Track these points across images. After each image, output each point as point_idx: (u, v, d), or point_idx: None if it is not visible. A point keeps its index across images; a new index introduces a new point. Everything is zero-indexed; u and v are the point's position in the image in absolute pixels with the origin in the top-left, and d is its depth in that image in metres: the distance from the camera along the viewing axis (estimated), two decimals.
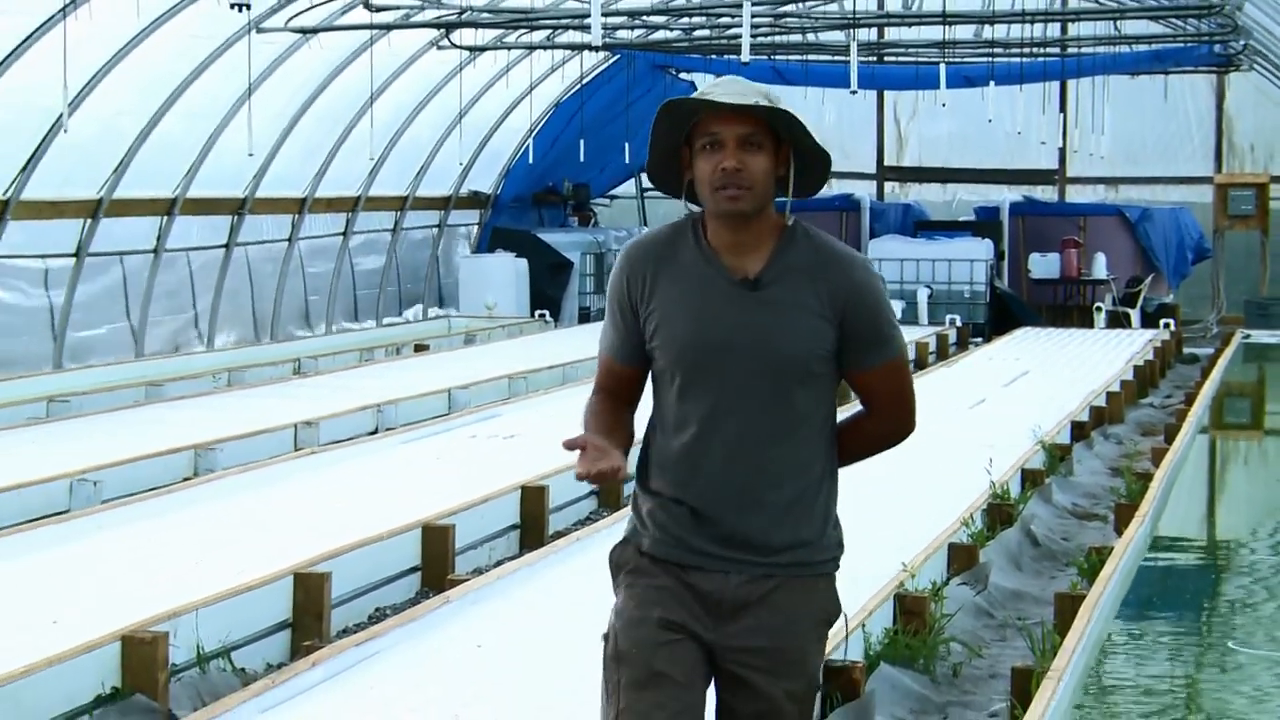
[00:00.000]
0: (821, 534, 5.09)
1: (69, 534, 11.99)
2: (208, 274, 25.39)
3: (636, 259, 5.12)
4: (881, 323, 5.06)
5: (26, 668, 8.29)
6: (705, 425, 4.99)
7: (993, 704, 9.28)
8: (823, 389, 5.06)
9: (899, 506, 13.29)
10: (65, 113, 19.01)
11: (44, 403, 19.27)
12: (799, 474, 5.02)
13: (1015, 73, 29.63)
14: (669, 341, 5.02)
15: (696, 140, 4.99)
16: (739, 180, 4.93)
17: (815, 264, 5.03)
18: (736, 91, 4.93)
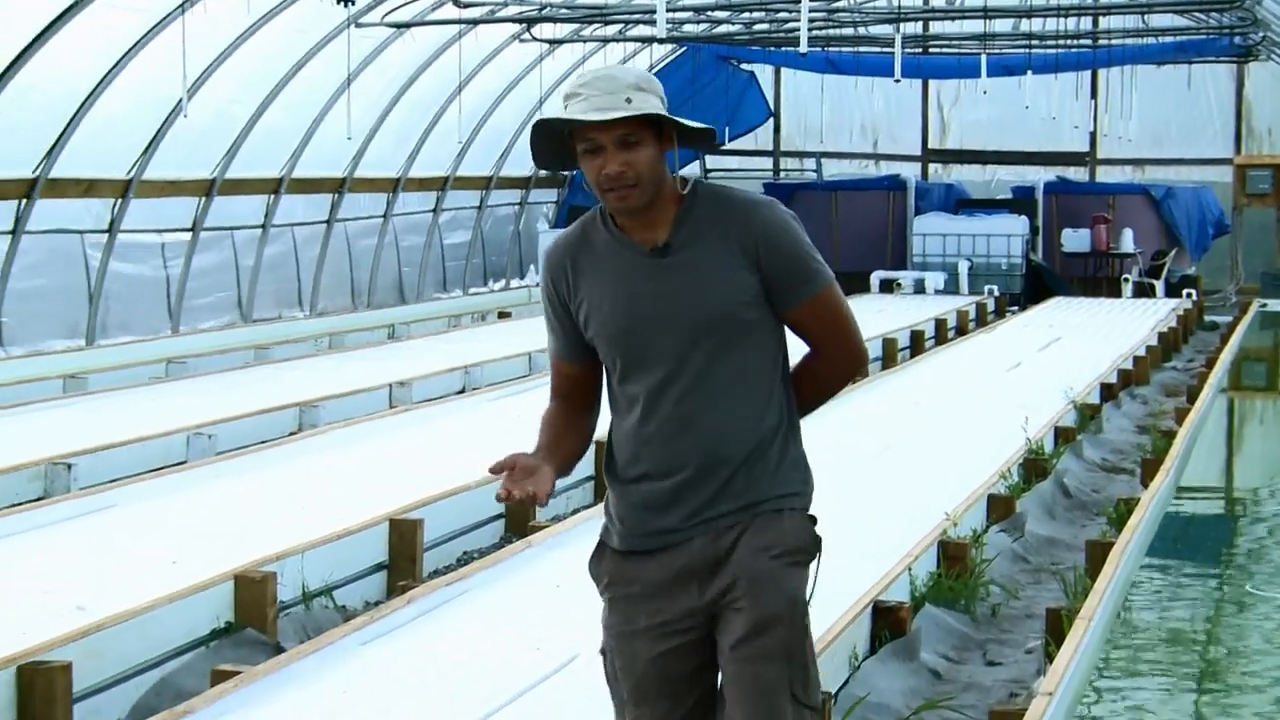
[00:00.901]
0: (782, 477, 4.68)
1: (186, 482, 12.06)
2: (310, 247, 25.47)
3: (554, 258, 4.77)
4: (799, 256, 4.67)
5: (151, 603, 8.35)
6: (650, 400, 4.64)
7: (1028, 642, 9.25)
8: (760, 339, 4.67)
9: (942, 461, 13.27)
10: (184, 100, 19.10)
11: (163, 364, 19.41)
12: (754, 424, 4.64)
13: (1050, 62, 29.59)
14: (600, 327, 4.67)
15: (577, 142, 4.59)
16: (624, 180, 4.53)
17: (719, 216, 4.66)
18: (604, 90, 4.51)
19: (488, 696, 7.22)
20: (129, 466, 12.86)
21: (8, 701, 7.14)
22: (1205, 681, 9.29)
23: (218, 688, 7.16)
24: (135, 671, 8.02)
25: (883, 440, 14.42)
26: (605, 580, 4.76)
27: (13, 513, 10.97)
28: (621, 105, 4.49)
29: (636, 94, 4.53)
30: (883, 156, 36.18)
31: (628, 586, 4.70)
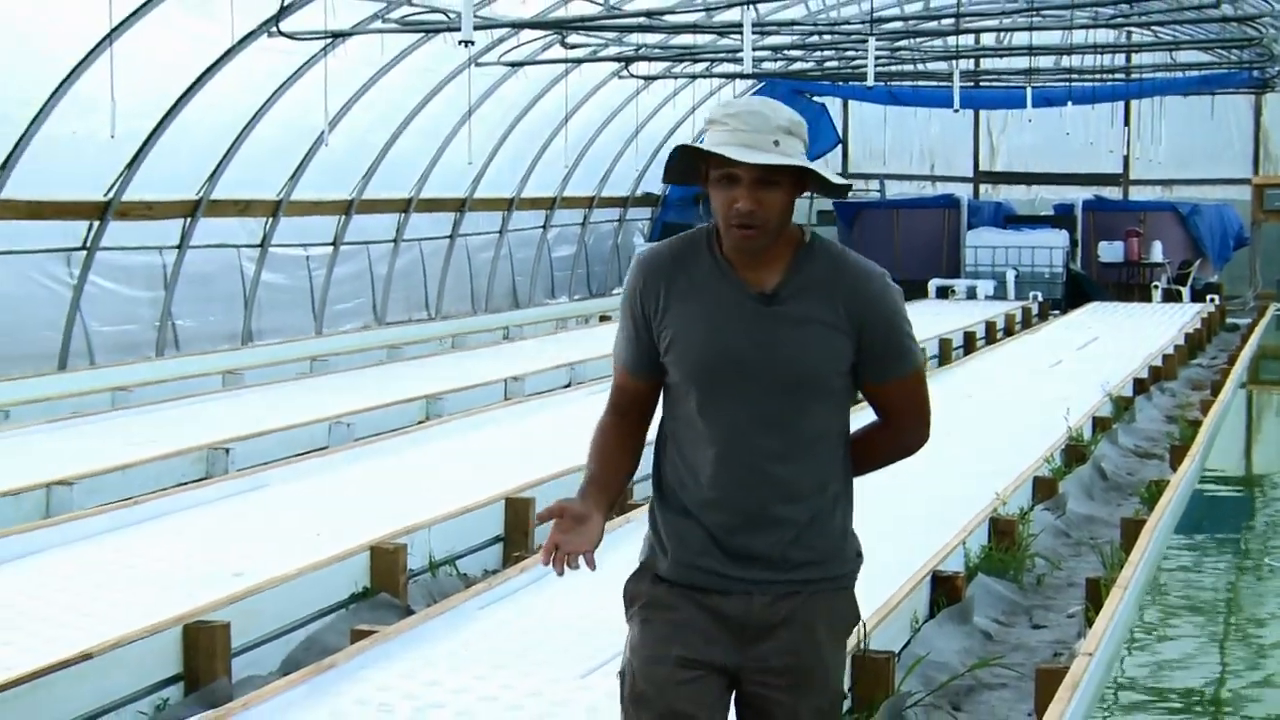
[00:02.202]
0: (840, 548, 4.13)
1: (328, 465, 12.13)
2: (435, 259, 25.57)
3: (650, 270, 4.12)
4: (900, 335, 4.11)
5: (298, 570, 8.40)
6: (721, 442, 4.02)
7: (1070, 607, 9.21)
8: (839, 403, 4.12)
9: (993, 447, 13.21)
10: (326, 130, 19.21)
11: (308, 362, 19.54)
12: (815, 491, 4.06)
13: (1088, 94, 29.42)
14: (684, 355, 4.04)
15: (712, 169, 3.99)
16: (752, 220, 3.92)
17: (832, 278, 4.04)
18: (753, 128, 3.91)
19: (592, 653, 7.23)
20: (279, 451, 12.94)
21: (176, 656, 7.20)
22: (1228, 643, 9.22)
23: (356, 645, 7.20)
24: (285, 630, 8.08)
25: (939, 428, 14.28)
26: (643, 601, 4.14)
27: (179, 491, 11.07)
28: (769, 147, 3.89)
29: (785, 138, 3.93)
30: (939, 178, 36.04)
31: (666, 612, 4.08)
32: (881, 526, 10.06)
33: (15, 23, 15.28)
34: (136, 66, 16.25)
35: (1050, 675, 6.74)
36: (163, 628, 7.22)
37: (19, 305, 17.45)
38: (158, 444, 12.60)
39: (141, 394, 16.29)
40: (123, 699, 6.87)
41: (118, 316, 18.90)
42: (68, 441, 13.05)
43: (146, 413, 15.01)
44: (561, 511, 4.00)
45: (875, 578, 8.48)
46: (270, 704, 6.32)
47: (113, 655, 6.87)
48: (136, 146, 17.85)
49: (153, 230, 19.12)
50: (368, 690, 6.66)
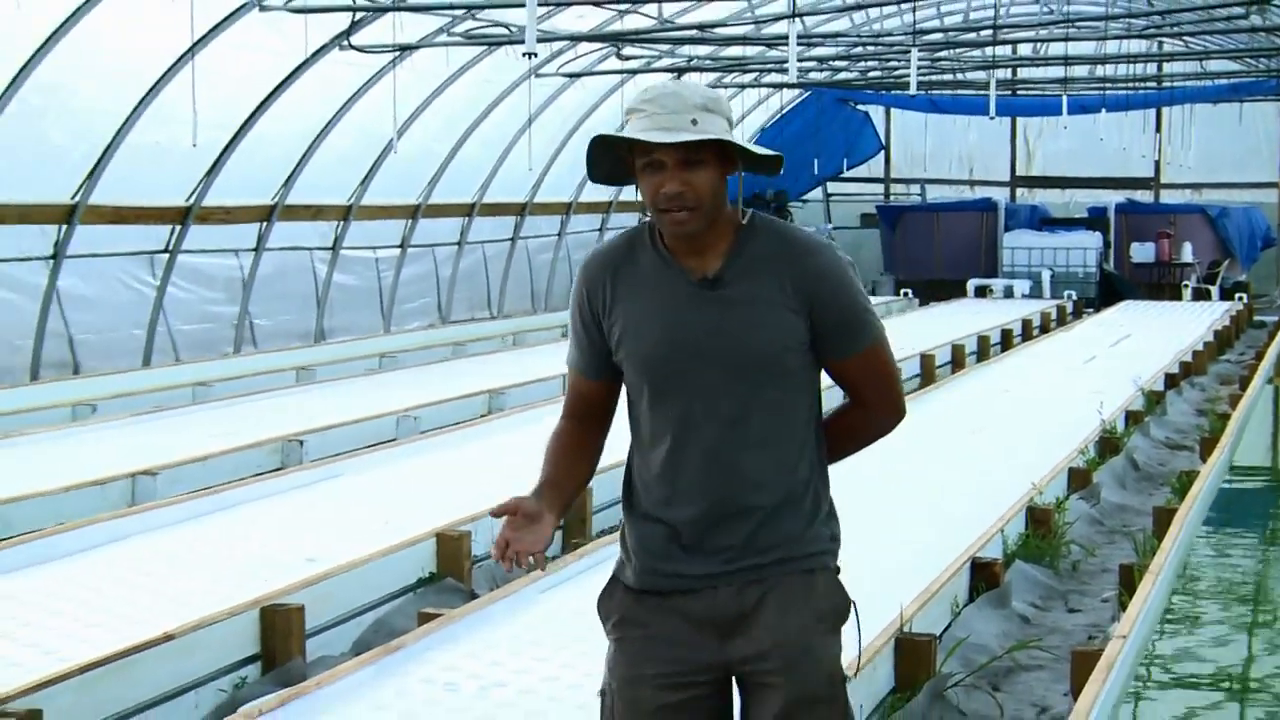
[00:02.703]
0: (809, 530, 3.79)
1: (396, 456, 12.16)
2: (497, 261, 25.61)
3: (594, 270, 3.86)
4: (854, 307, 3.77)
5: (368, 556, 8.43)
6: (680, 435, 3.74)
7: (1104, 592, 9.17)
8: (801, 384, 3.78)
9: (1030, 440, 13.15)
10: (394, 139, 19.26)
11: (377, 358, 19.62)
12: (783, 476, 3.75)
13: (1121, 102, 29.31)
14: (634, 350, 3.77)
15: (636, 157, 3.71)
16: (683, 202, 3.64)
17: (776, 254, 3.74)
18: (669, 109, 3.64)
19: None
20: (349, 443, 12.98)
21: (253, 637, 7.24)
22: (1255, 627, 9.15)
23: (423, 627, 7.22)
24: (356, 613, 8.11)
25: (978, 421, 14.31)
26: (615, 619, 3.84)
27: (256, 481, 11.11)
28: (687, 126, 3.62)
29: (703, 115, 3.65)
30: (977, 182, 35.94)
31: (639, 629, 3.79)
32: (923, 515, 10.06)
33: (102, 39, 15.38)
34: (216, 80, 16.34)
35: (1085, 657, 6.71)
36: (241, 610, 7.26)
37: (106, 306, 17.57)
38: (235, 436, 12.67)
39: (220, 389, 16.38)
40: (203, 677, 6.91)
41: (198, 316, 19.01)
42: (151, 434, 13.13)
43: (225, 407, 15.09)
44: (515, 509, 3.70)
45: (917, 564, 8.48)
46: (342, 683, 6.35)
47: (194, 636, 6.91)
48: (215, 155, 17.94)
49: (231, 234, 19.23)
50: (434, 670, 6.68)
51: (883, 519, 9.84)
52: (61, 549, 8.80)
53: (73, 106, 16.18)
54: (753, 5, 21.96)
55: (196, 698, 6.83)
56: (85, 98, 16.25)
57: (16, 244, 16.30)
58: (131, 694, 6.49)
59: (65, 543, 8.90)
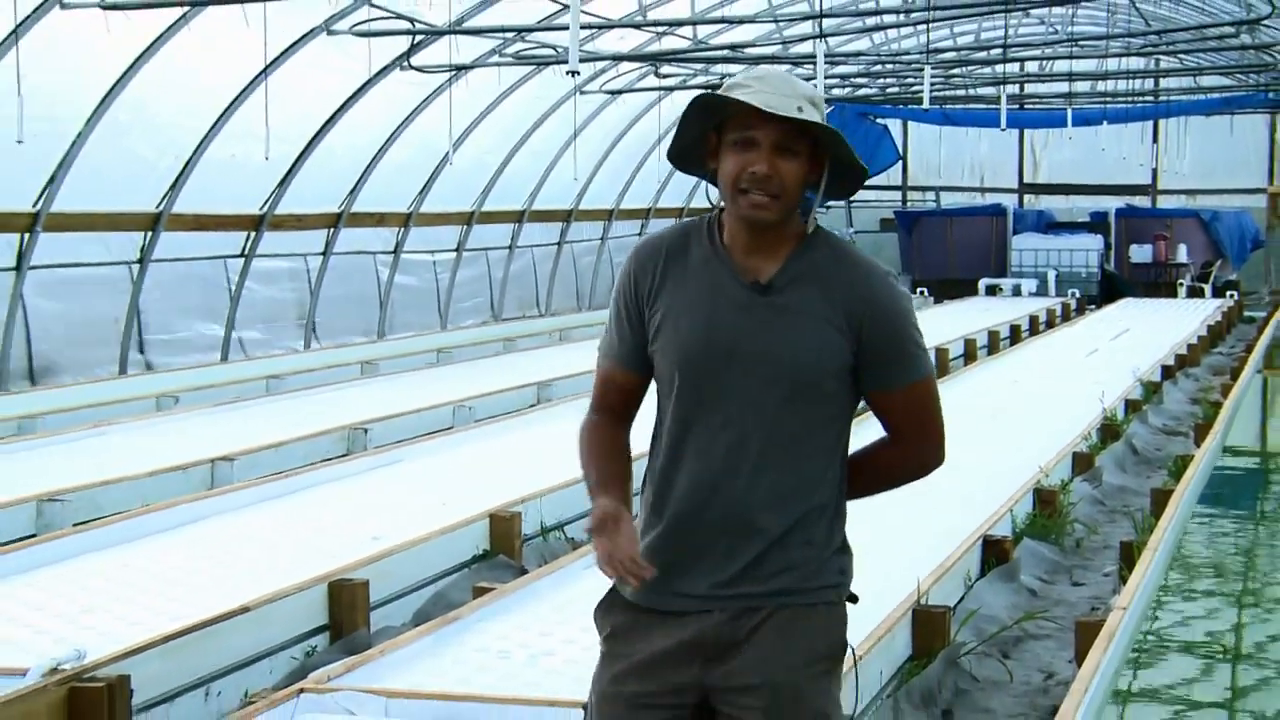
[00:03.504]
0: (820, 561, 3.32)
1: (453, 443, 12.17)
2: (545, 263, 25.63)
3: (645, 256, 3.42)
4: (904, 340, 3.32)
5: (427, 535, 8.44)
6: (700, 437, 3.30)
7: (1105, 567, 9.13)
8: (835, 410, 3.32)
9: (1036, 427, 13.10)
10: (450, 151, 19.28)
11: (434, 353, 19.65)
12: (799, 498, 3.29)
13: (1121, 115, 29.25)
14: (670, 343, 3.32)
15: (728, 133, 3.27)
16: (768, 187, 3.24)
17: (833, 272, 3.31)
18: (779, 91, 3.22)
19: None
20: (410, 431, 13.01)
21: (322, 609, 7.25)
22: (1245, 599, 9.11)
23: (478, 600, 7.23)
24: (416, 587, 8.12)
25: (989, 409, 14.26)
26: (608, 632, 3.41)
27: (324, 466, 11.14)
28: (793, 110, 3.20)
29: (809, 106, 3.25)
30: (987, 189, 35.83)
31: (628, 644, 3.36)
32: (938, 496, 10.01)
33: (184, 61, 15.44)
34: (287, 98, 16.39)
35: (1089, 627, 6.68)
36: (310, 585, 7.28)
37: (186, 306, 17.64)
38: (305, 425, 12.70)
39: (291, 382, 16.44)
40: (277, 646, 6.93)
41: (270, 314, 19.08)
42: (228, 423, 13.17)
43: (295, 398, 15.13)
44: (607, 519, 3.26)
45: (932, 541, 8.46)
46: (403, 651, 6.35)
47: (268, 609, 6.93)
48: (287, 167, 17.99)
49: (301, 240, 19.29)
50: (487, 639, 6.68)
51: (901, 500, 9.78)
52: (147, 529, 8.84)
53: (157, 123, 16.25)
54: (780, 27, 21.91)
55: (270, 664, 6.85)
56: (168, 115, 16.32)
57: (106, 250, 16.40)
58: (211, 661, 6.51)
59: (150, 523, 8.94)
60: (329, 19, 16.42)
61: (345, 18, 16.49)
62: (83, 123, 14.94)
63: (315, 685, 5.85)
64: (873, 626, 6.64)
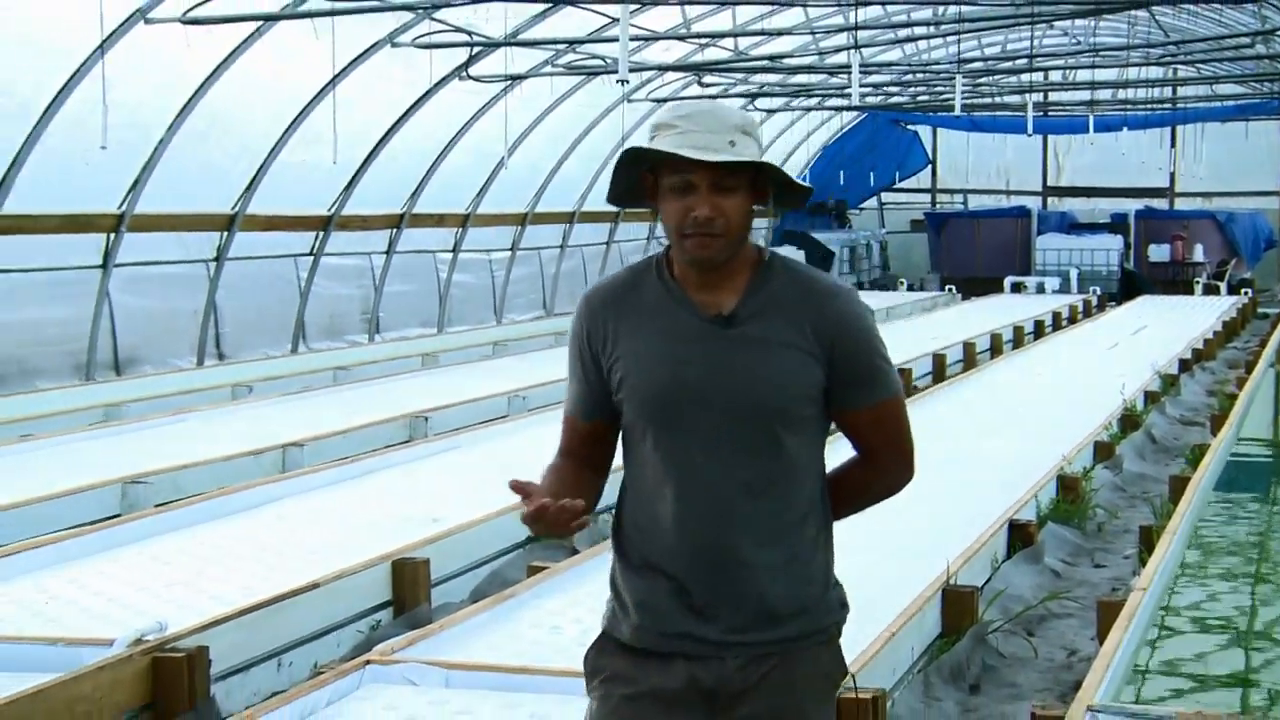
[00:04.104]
0: (822, 597, 3.08)
1: (508, 430, 12.20)
2: (594, 261, 25.64)
3: (596, 304, 3.14)
4: (873, 357, 3.07)
5: (485, 516, 8.45)
6: (684, 482, 3.00)
7: (1125, 550, 9.08)
8: (812, 435, 3.06)
9: (1060, 417, 13.03)
10: (505, 156, 19.31)
11: (490, 346, 19.68)
12: (792, 531, 3.03)
13: (1141, 121, 29.18)
14: (636, 389, 3.03)
15: (664, 177, 2.99)
16: (712, 228, 2.95)
17: (796, 296, 3.03)
18: (708, 128, 2.94)
19: None
20: (467, 419, 13.03)
21: (386, 586, 7.28)
22: (1258, 581, 9.03)
23: (532, 578, 7.24)
24: (474, 565, 8.14)
25: (1014, 400, 14.21)
26: (604, 675, 3.09)
27: (388, 452, 11.18)
28: (725, 147, 2.94)
29: (741, 137, 2.96)
30: (1013, 192, 35.63)
31: (629, 685, 3.05)
32: (965, 482, 9.99)
33: (258, 72, 15.51)
34: (353, 106, 16.44)
35: (1110, 606, 6.64)
36: (375, 563, 7.30)
37: (259, 302, 17.73)
38: (370, 413, 12.74)
39: (357, 372, 16.51)
40: (343, 620, 6.96)
41: (337, 309, 19.16)
42: (298, 411, 13.24)
43: (361, 387, 15.19)
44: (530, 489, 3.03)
45: (961, 525, 8.43)
46: (462, 626, 6.37)
47: (336, 585, 6.96)
48: (353, 171, 18.06)
49: (366, 239, 19.36)
50: (541, 615, 6.69)
51: (931, 486, 9.77)
52: (223, 510, 8.90)
53: (233, 130, 16.33)
54: (816, 39, 21.85)
55: (338, 638, 6.89)
56: (243, 122, 16.40)
57: (185, 249, 16.50)
58: (283, 634, 6.55)
59: (226, 504, 9.00)
60: (393, 32, 16.47)
61: (408, 31, 16.54)
62: (164, 130, 15.04)
63: (380, 657, 5.88)
64: (905, 605, 6.64)
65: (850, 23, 17.40)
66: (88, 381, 14.85)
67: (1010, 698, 6.46)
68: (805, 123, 29.79)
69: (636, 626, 3.04)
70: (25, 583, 7.19)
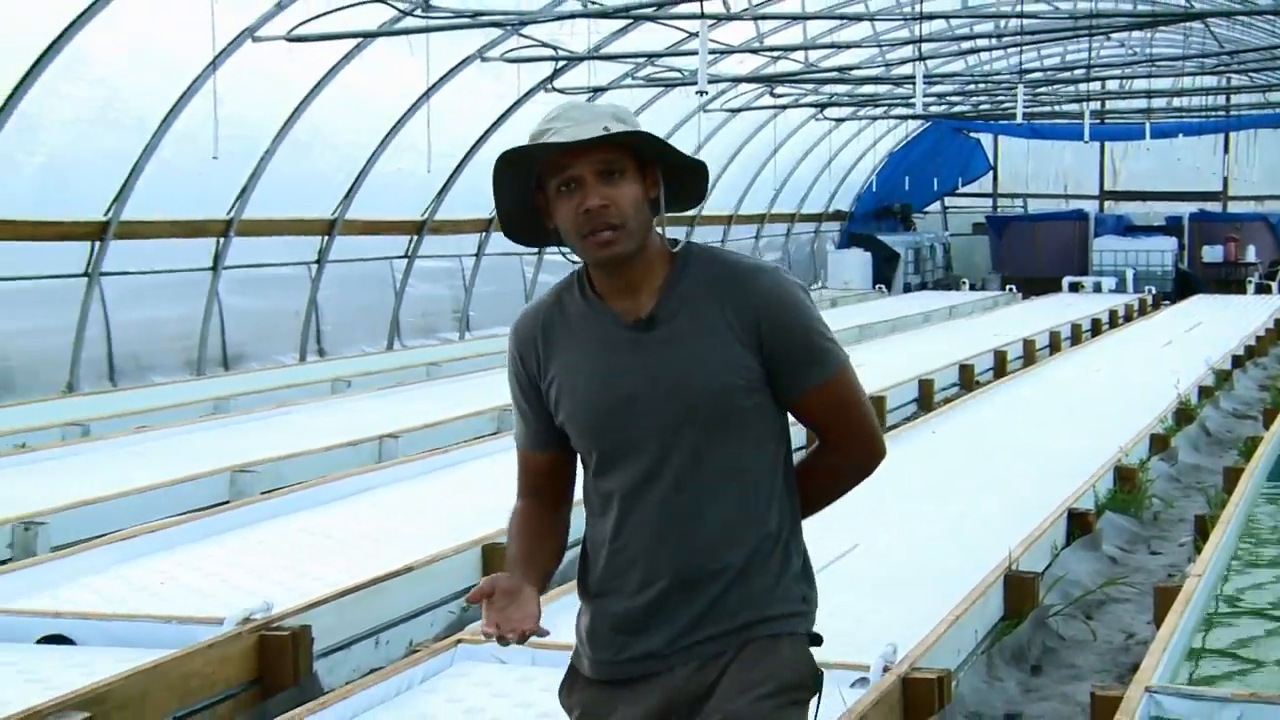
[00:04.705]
0: (779, 589, 2.73)
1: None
2: None
3: (523, 331, 2.83)
4: (808, 332, 2.70)
5: None
6: (626, 499, 2.71)
7: (1180, 538, 8.97)
8: (760, 427, 2.71)
9: (1117, 411, 12.88)
10: None
11: None
12: (749, 531, 2.70)
13: (1195, 128, 28.82)
14: (573, 409, 2.74)
15: (550, 182, 2.68)
16: (607, 219, 2.63)
17: (715, 283, 2.71)
18: (579, 120, 2.65)
19: None
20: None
21: (476, 568, 7.30)
22: None
23: None
24: None
25: (1073, 395, 14.07)
26: (577, 713, 2.83)
27: (477, 443, 11.22)
28: (599, 131, 2.63)
29: (615, 123, 2.65)
30: (1071, 196, 35.26)
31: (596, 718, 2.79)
32: (1026, 472, 9.90)
33: (356, 86, 15.62)
34: (445, 117, 16.50)
35: (1166, 592, 6.57)
36: (466, 548, 7.33)
37: (357, 302, 17.85)
38: (461, 406, 12.75)
39: (448, 368, 16.55)
40: (436, 601, 6.99)
41: (429, 309, 19.25)
42: (393, 404, 13.31)
43: (452, 382, 15.24)
44: (492, 590, 2.71)
45: (1022, 514, 8.35)
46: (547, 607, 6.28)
47: (429, 568, 6.99)
48: (445, 178, 18.14)
49: (456, 243, 19.42)
50: None
51: (994, 477, 9.71)
52: (324, 497, 8.96)
53: (333, 140, 16.46)
54: (883, 51, 21.71)
55: (431, 618, 6.92)
56: (343, 133, 16.52)
57: (289, 252, 16.65)
58: (379, 614, 6.59)
59: (327, 492, 9.06)
60: (482, 48, 16.53)
61: (496, 46, 16.60)
62: (270, 141, 15.19)
63: (471, 637, 5.89)
64: (969, 589, 6.59)
65: (915, 35, 17.30)
66: (198, 376, 15.03)
67: (1070, 678, 6.40)
68: (872, 131, 29.64)
69: (593, 661, 2.79)
70: (142, 565, 7.28)
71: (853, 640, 5.69)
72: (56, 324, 13.75)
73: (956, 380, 15.86)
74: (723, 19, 17.14)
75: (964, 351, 17.19)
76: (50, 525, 7.96)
